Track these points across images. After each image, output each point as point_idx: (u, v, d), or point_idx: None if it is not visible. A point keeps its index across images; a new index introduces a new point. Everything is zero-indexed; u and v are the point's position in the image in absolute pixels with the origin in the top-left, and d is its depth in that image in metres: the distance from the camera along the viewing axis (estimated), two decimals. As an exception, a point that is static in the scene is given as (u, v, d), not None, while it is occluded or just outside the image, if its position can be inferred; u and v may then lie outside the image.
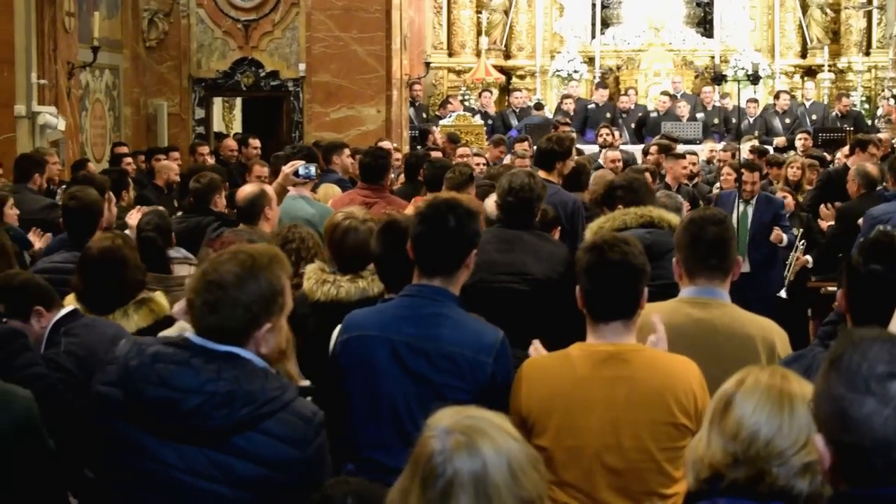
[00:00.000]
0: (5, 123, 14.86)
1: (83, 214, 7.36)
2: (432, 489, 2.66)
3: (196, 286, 3.87)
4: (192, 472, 3.77)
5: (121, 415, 3.82)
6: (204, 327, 3.84)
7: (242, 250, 3.94)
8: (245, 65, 20.23)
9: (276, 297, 3.91)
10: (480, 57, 25.85)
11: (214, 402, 3.73)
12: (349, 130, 19.40)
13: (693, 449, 3.29)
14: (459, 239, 4.97)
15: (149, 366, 3.81)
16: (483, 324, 5.03)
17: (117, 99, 19.37)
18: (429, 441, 2.71)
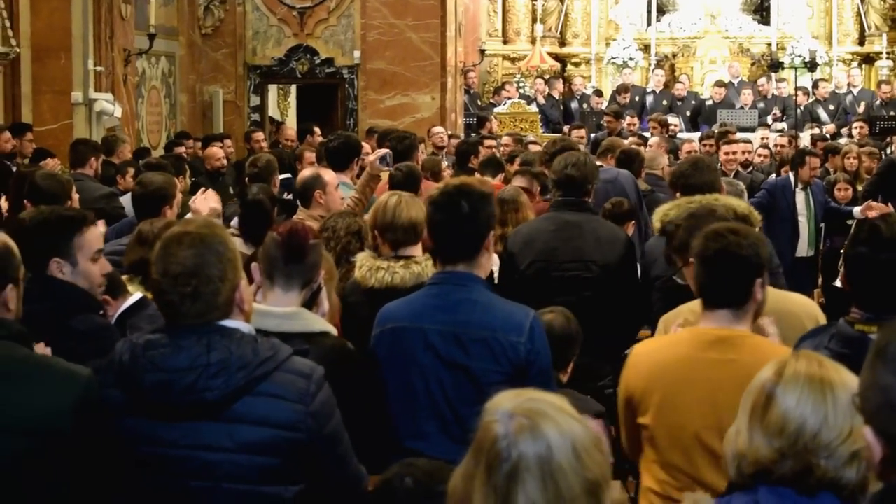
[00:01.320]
0: (62, 110, 14.96)
1: (148, 200, 7.37)
2: (498, 474, 2.63)
3: (163, 286, 3.88)
4: (206, 447, 3.81)
5: (126, 412, 3.86)
6: (191, 317, 3.86)
7: (182, 232, 3.94)
8: (300, 52, 20.25)
9: (236, 256, 3.96)
10: (535, 44, 25.79)
11: (209, 373, 3.77)
12: (404, 118, 19.41)
13: (732, 441, 3.24)
14: (475, 223, 4.97)
15: (141, 356, 3.84)
16: (512, 305, 5.04)
17: (173, 86, 19.45)
18: (491, 425, 2.67)
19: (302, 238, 4.61)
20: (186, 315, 3.84)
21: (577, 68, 26.48)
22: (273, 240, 4.63)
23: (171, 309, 3.87)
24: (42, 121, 14.46)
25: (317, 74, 20.38)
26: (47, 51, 14.92)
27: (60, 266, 4.88)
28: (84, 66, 14.99)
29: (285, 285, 4.60)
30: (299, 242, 4.60)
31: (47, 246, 4.89)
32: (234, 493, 3.81)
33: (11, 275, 4.03)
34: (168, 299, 3.86)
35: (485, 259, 5.04)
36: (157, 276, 3.89)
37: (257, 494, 3.83)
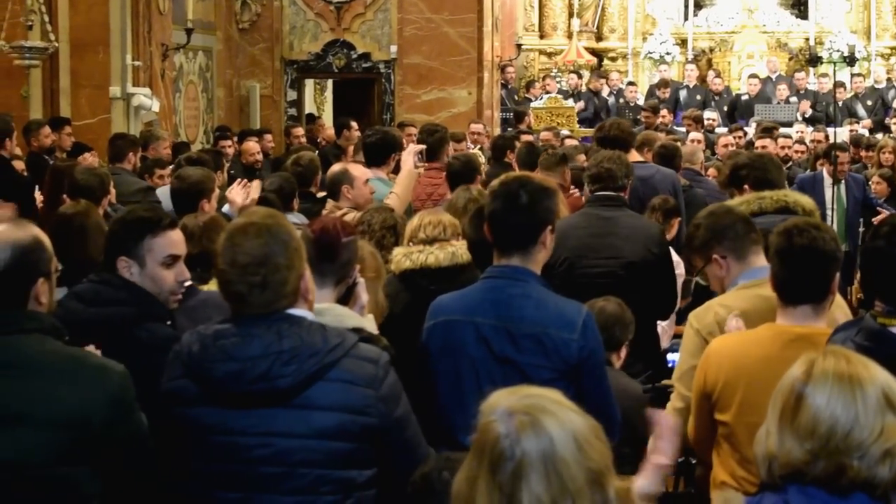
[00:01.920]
0: (100, 105, 15.03)
1: (186, 194, 7.40)
2: (502, 473, 2.64)
3: (231, 277, 3.90)
4: (279, 434, 3.84)
5: (196, 402, 3.89)
6: (259, 306, 3.89)
7: (247, 223, 3.98)
8: (337, 47, 20.28)
9: (300, 245, 4.00)
10: (572, 39, 25.73)
11: (282, 360, 3.80)
12: (440, 112, 19.42)
13: (762, 443, 3.23)
14: (532, 214, 4.96)
15: (211, 346, 3.88)
16: (566, 301, 5.03)
17: (210, 80, 19.50)
18: (492, 425, 2.68)
19: (333, 237, 4.61)
20: (254, 304, 3.88)
21: (614, 63, 26.42)
22: (306, 237, 4.65)
23: (239, 299, 3.90)
24: (80, 115, 14.53)
25: (353, 69, 20.41)
26: (86, 45, 14.99)
27: (129, 266, 4.89)
28: (122, 60, 15.06)
29: (318, 282, 4.59)
30: (330, 241, 4.60)
31: (117, 244, 4.91)
32: (307, 478, 3.85)
33: (43, 268, 4.04)
34: (236, 290, 3.89)
35: (540, 254, 5.03)
36: (223, 266, 3.91)
37: (330, 479, 3.86)
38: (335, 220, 4.80)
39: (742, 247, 5.44)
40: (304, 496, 3.86)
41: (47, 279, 4.07)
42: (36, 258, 4.02)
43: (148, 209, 5.26)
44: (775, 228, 4.85)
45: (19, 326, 3.95)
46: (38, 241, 4.06)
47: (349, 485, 3.90)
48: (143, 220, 5.00)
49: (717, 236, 5.46)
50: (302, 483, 3.85)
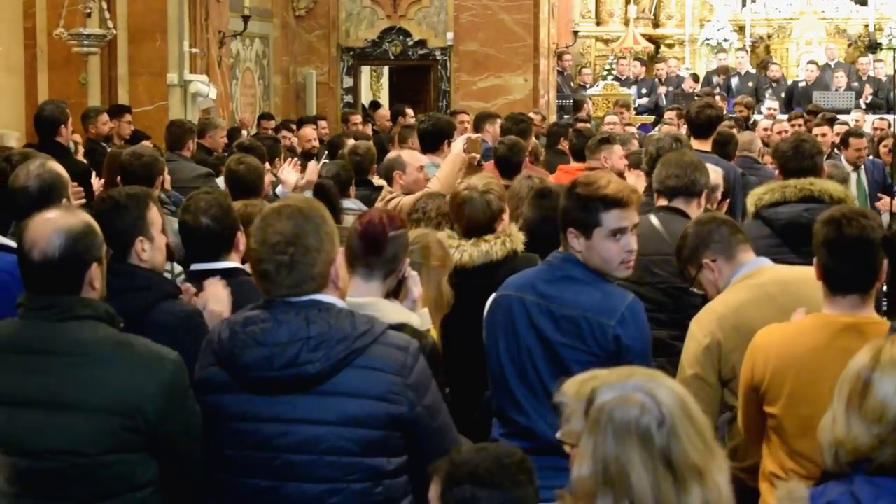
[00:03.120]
0: (158, 92, 15.09)
1: (243, 180, 7.43)
2: (657, 437, 2.72)
3: (260, 255, 3.91)
4: (307, 421, 3.85)
5: (227, 389, 3.90)
6: (286, 287, 3.89)
7: (282, 205, 3.99)
8: (393, 34, 20.29)
9: (334, 231, 3.99)
10: (629, 26, 25.66)
11: (310, 346, 3.81)
12: (496, 99, 19.40)
13: (828, 429, 3.20)
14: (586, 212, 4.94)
15: (240, 332, 3.89)
16: (613, 288, 5.01)
17: (267, 68, 19.56)
18: (628, 401, 2.75)
19: (379, 231, 4.60)
20: (281, 285, 3.88)
21: (671, 50, 26.31)
22: (354, 230, 4.65)
23: (267, 279, 3.90)
24: (138, 102, 14.60)
25: (409, 56, 20.42)
26: (143, 33, 15.05)
27: (143, 244, 4.89)
28: (179, 47, 15.10)
29: (366, 275, 4.60)
30: (376, 235, 4.59)
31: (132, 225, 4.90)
32: (336, 465, 3.84)
33: (95, 253, 4.05)
34: (264, 268, 3.89)
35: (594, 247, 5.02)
36: (254, 245, 3.93)
37: (359, 467, 3.86)
38: (382, 214, 4.78)
39: (729, 247, 5.46)
40: (332, 484, 3.86)
41: (100, 265, 4.08)
42: (89, 244, 4.03)
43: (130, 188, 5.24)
44: (819, 218, 4.80)
45: (74, 313, 3.96)
46: (90, 226, 4.07)
47: (378, 472, 3.90)
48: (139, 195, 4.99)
49: (704, 241, 5.48)
50: (330, 471, 3.85)
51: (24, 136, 12.21)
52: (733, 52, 25.55)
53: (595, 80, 24.29)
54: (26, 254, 3.97)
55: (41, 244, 3.95)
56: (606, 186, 4.91)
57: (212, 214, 5.39)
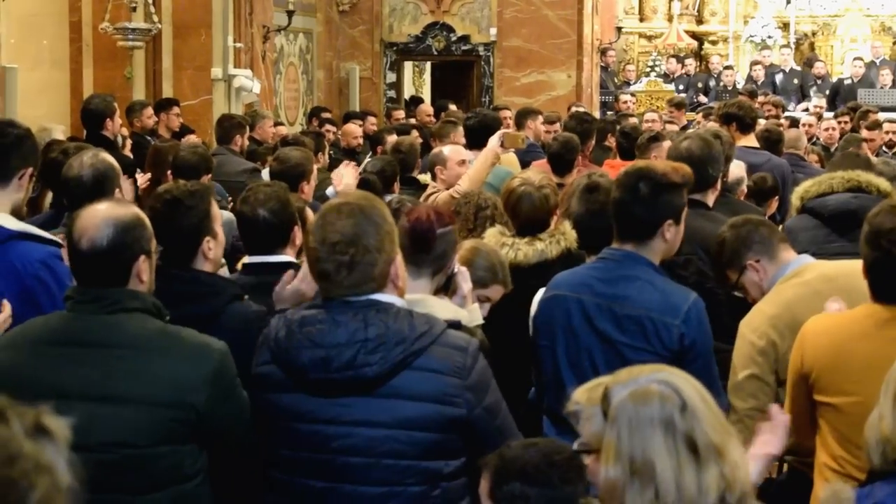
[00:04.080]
0: (202, 86, 15.13)
1: (286, 176, 7.42)
2: (680, 422, 2.73)
3: (320, 255, 3.85)
4: (364, 423, 3.81)
5: (283, 388, 3.86)
6: (346, 287, 3.83)
7: (341, 202, 3.94)
8: (436, 29, 20.30)
9: (393, 229, 3.94)
10: (672, 22, 25.57)
11: (367, 348, 3.76)
12: (539, 95, 19.37)
13: (875, 427, 3.18)
14: (650, 207, 4.91)
15: (297, 332, 3.84)
16: (675, 287, 4.99)
17: (310, 62, 19.59)
18: (650, 389, 2.76)
19: (426, 229, 4.55)
20: (341, 285, 3.82)
21: (715, 46, 26.20)
22: (402, 227, 4.61)
23: (327, 279, 3.85)
24: (182, 96, 14.62)
25: (453, 51, 20.41)
26: (188, 27, 15.09)
27: (209, 242, 4.88)
28: (224, 42, 15.14)
29: (414, 272, 4.54)
30: (423, 233, 4.54)
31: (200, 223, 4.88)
32: (393, 468, 3.81)
33: (144, 246, 4.04)
34: (323, 268, 3.83)
35: (658, 246, 4.96)
36: (313, 244, 3.86)
37: (417, 470, 3.82)
38: (430, 211, 4.73)
39: (772, 247, 5.40)
40: (389, 487, 3.83)
41: (148, 257, 4.07)
42: (138, 235, 4.03)
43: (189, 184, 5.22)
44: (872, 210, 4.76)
45: (122, 306, 3.96)
46: (139, 218, 4.08)
47: (436, 475, 3.86)
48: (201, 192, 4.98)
49: (745, 243, 5.41)
50: (387, 474, 3.82)
51: (70, 130, 12.25)
52: (777, 49, 25.42)
53: (638, 76, 24.24)
54: (75, 244, 3.98)
55: (90, 233, 3.95)
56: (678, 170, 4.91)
57: (269, 207, 5.37)
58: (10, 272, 4.94)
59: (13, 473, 1.27)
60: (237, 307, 4.77)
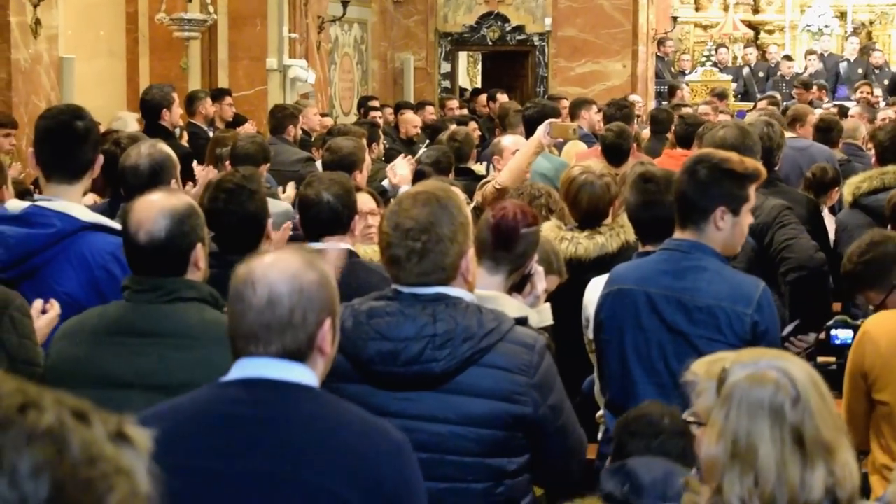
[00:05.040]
0: (257, 76, 15.20)
1: (338, 166, 7.42)
2: (790, 413, 2.70)
3: (391, 240, 3.81)
4: (430, 419, 3.79)
5: (349, 379, 3.82)
6: (416, 275, 3.80)
7: (418, 191, 3.92)
8: (491, 19, 20.30)
9: (468, 222, 3.90)
10: (728, 11, 25.40)
11: (435, 343, 3.73)
12: (594, 85, 19.31)
13: None
14: (703, 190, 4.85)
15: (365, 323, 3.82)
16: (743, 276, 4.94)
17: (365, 53, 19.63)
18: (763, 376, 2.72)
19: (511, 227, 4.52)
20: (411, 272, 3.79)
21: (771, 36, 26.00)
22: (486, 222, 4.57)
23: (397, 265, 3.82)
24: (237, 87, 14.69)
25: (507, 41, 20.39)
26: (243, 18, 15.16)
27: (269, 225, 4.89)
28: (279, 32, 15.20)
29: (491, 268, 4.52)
30: (508, 231, 4.51)
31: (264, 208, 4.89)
32: (457, 465, 3.79)
33: (200, 234, 4.05)
34: (394, 254, 3.80)
35: (715, 233, 4.90)
36: (386, 229, 3.84)
37: (481, 467, 3.81)
38: (517, 209, 4.70)
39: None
40: (453, 483, 3.81)
41: (204, 245, 4.09)
42: (194, 224, 4.03)
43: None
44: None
45: (179, 295, 3.97)
46: (193, 207, 4.08)
47: (500, 472, 3.85)
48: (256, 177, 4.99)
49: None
50: (451, 470, 3.80)
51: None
52: (836, 39, 25.20)
53: (694, 66, 24.11)
54: (132, 236, 3.98)
55: (147, 225, 3.96)
56: (744, 161, 4.86)
57: (334, 192, 5.39)
58: (80, 262, 4.97)
59: (93, 474, 1.28)
60: None
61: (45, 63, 11.38)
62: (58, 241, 4.99)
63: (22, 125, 10.43)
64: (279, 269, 3.05)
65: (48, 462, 1.27)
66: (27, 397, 1.32)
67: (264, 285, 3.03)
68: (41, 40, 11.29)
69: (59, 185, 5.11)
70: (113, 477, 1.31)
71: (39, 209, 5.05)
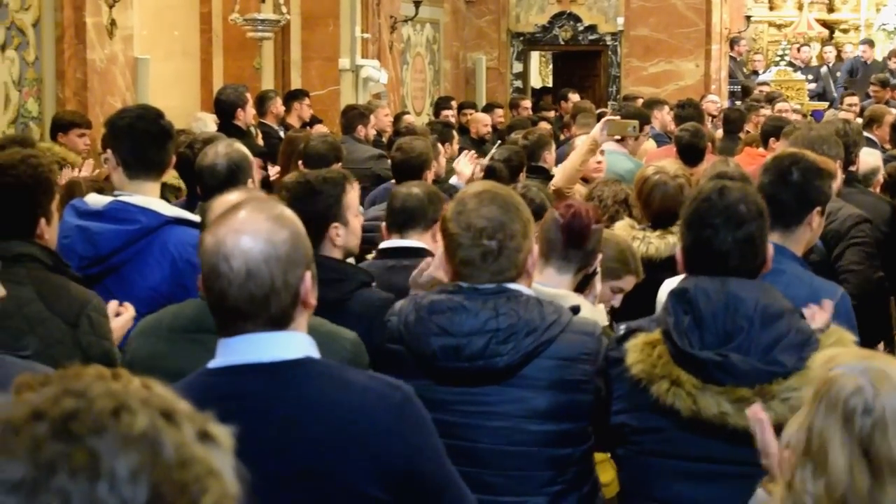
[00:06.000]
0: (330, 76, 15.25)
1: (408, 166, 7.43)
2: (859, 425, 2.61)
3: (463, 241, 3.80)
4: (494, 414, 3.80)
5: (412, 374, 3.77)
6: (489, 273, 3.80)
7: (480, 190, 3.90)
8: (563, 18, 20.25)
9: (531, 219, 3.91)
10: (802, 10, 25.19)
11: (499, 338, 3.73)
12: (666, 85, 19.23)
13: None
14: (800, 193, 4.80)
15: (427, 318, 3.82)
16: (822, 281, 4.88)
17: (437, 53, 19.65)
18: (844, 378, 2.65)
19: (584, 224, 4.52)
20: (486, 271, 3.79)
21: (846, 35, 25.76)
22: (554, 220, 4.55)
23: (470, 265, 3.81)
24: (310, 87, 14.72)
25: (579, 41, 20.34)
26: (316, 18, 15.22)
27: (337, 229, 4.90)
28: (351, 33, 15.24)
29: (561, 267, 4.51)
30: (581, 229, 4.50)
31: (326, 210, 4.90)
32: (523, 456, 3.81)
33: None
34: (467, 255, 3.80)
35: (805, 234, 4.85)
36: (455, 231, 3.82)
37: (546, 457, 3.82)
38: (587, 207, 4.69)
39: None
40: (517, 473, 3.83)
41: None
42: None
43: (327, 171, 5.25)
44: None
45: None
46: None
47: (565, 462, 3.86)
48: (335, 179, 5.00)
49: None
50: (516, 461, 3.82)
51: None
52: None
53: (767, 65, 23.92)
54: None
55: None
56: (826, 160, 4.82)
57: (425, 188, 5.52)
58: (164, 256, 5.04)
59: (187, 477, 1.28)
60: (364, 294, 4.77)
61: (120, 63, 11.47)
62: (143, 237, 5.06)
63: (97, 125, 10.50)
64: (251, 235, 2.86)
65: (144, 465, 1.27)
66: (118, 400, 1.32)
67: (238, 257, 2.84)
68: (116, 41, 11.38)
69: (139, 181, 5.17)
70: (205, 479, 1.31)
71: (122, 204, 5.11)
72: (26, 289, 4.24)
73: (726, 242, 3.84)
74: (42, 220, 4.32)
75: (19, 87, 10.69)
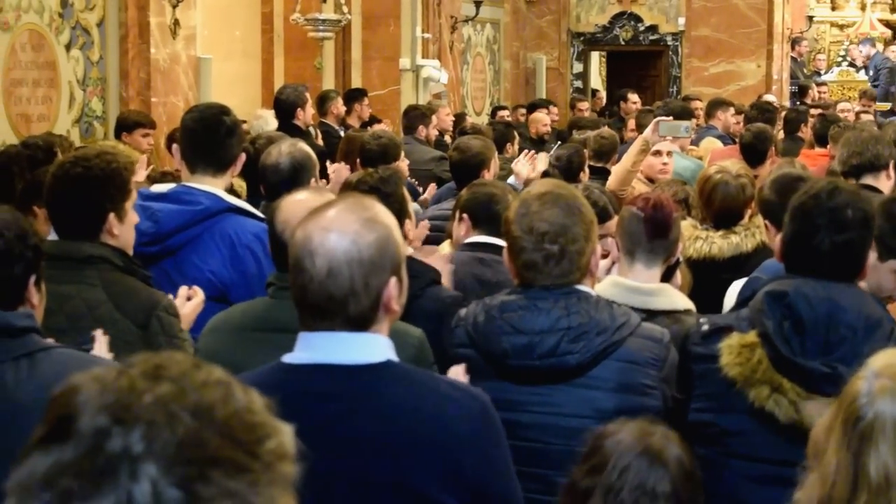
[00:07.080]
0: (390, 76, 15.27)
1: (466, 165, 7.43)
2: (853, 430, 2.57)
3: (525, 244, 3.80)
4: (563, 414, 3.80)
5: (483, 375, 3.79)
6: (553, 277, 3.79)
7: (542, 192, 3.89)
8: (624, 19, 20.22)
9: (594, 219, 3.89)
10: (865, 10, 25.00)
11: (570, 336, 3.73)
12: (728, 85, 19.14)
13: None
14: None
15: (497, 318, 3.82)
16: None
17: (497, 53, 19.65)
18: (857, 382, 2.62)
19: (667, 214, 4.48)
20: (548, 275, 3.79)
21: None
22: (634, 215, 4.51)
23: (533, 268, 3.81)
24: (371, 86, 14.76)
25: (640, 41, 20.29)
26: (377, 18, 15.24)
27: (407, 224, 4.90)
28: (412, 32, 15.26)
29: (648, 261, 4.47)
30: (664, 218, 4.46)
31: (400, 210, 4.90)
32: None
33: None
34: (530, 258, 3.80)
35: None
36: (519, 233, 3.82)
37: None
38: (666, 197, 4.67)
39: None
40: None
41: None
42: None
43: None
44: None
45: None
46: None
47: None
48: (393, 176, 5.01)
49: None
50: None
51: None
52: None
53: (829, 66, 23.78)
54: (279, 235, 4.01)
55: (294, 225, 3.99)
56: None
57: (502, 187, 5.58)
58: (226, 239, 5.07)
59: (254, 420, 1.40)
60: (434, 291, 4.77)
61: (182, 63, 11.54)
62: (205, 219, 5.08)
63: (160, 124, 10.59)
64: (337, 234, 2.87)
65: (217, 402, 1.39)
66: (196, 362, 1.46)
67: (323, 255, 2.86)
68: (179, 40, 11.46)
69: (199, 175, 5.20)
70: (269, 426, 1.42)
71: (186, 188, 5.17)
72: (97, 291, 4.24)
73: (825, 244, 3.75)
74: (111, 215, 4.31)
75: (84, 87, 10.77)
